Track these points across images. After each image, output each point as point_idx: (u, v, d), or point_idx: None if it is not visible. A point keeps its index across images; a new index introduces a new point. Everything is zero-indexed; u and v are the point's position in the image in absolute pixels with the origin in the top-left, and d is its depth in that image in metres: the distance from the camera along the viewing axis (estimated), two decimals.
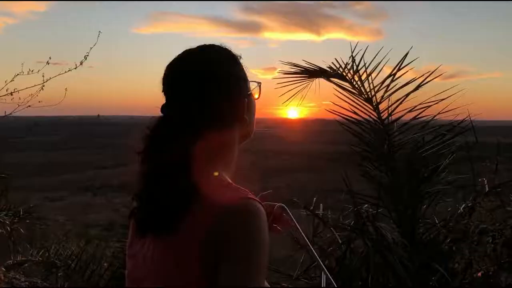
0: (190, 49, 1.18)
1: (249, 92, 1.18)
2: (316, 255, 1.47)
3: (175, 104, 1.12)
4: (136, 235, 1.15)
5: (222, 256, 0.95)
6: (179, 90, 1.13)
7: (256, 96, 1.25)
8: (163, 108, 1.14)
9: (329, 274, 1.46)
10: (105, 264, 4.44)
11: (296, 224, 1.41)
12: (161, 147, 1.08)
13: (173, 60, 1.17)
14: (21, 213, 5.42)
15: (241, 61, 1.21)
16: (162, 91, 1.16)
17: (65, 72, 6.05)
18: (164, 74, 1.16)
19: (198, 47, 1.18)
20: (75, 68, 6.04)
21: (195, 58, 1.16)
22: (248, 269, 0.95)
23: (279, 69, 3.24)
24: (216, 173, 1.08)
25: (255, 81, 1.24)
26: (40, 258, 4.42)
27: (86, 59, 6.04)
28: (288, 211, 1.42)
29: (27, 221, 5.40)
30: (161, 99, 1.17)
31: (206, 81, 1.11)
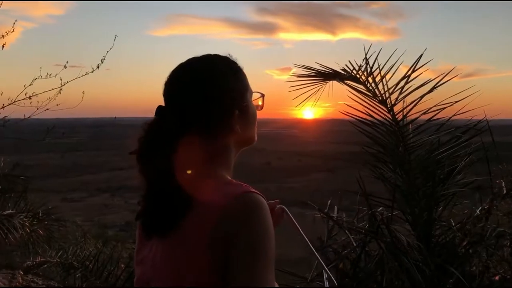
0: (193, 58, 1.23)
1: (244, 104, 1.20)
2: (316, 252, 1.47)
3: (168, 108, 1.17)
4: (143, 239, 1.19)
5: (230, 248, 0.98)
6: (173, 96, 1.18)
7: (259, 103, 1.28)
8: (158, 110, 1.18)
9: (330, 274, 1.48)
10: (122, 265, 4.50)
11: (296, 224, 1.42)
12: (152, 150, 1.12)
13: (175, 67, 1.22)
14: (40, 214, 5.51)
15: (245, 71, 1.25)
16: (162, 94, 1.21)
17: (82, 75, 6.14)
18: (167, 78, 1.21)
19: (201, 56, 1.23)
20: (92, 72, 6.11)
21: (192, 67, 1.20)
22: (255, 259, 0.98)
23: (294, 70, 3.24)
24: (189, 171, 1.10)
25: (258, 92, 1.28)
26: (59, 260, 4.49)
27: (102, 62, 6.11)
28: (288, 212, 1.43)
29: (46, 222, 5.49)
30: None
31: (197, 90, 1.15)
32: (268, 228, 1.01)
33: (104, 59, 6.10)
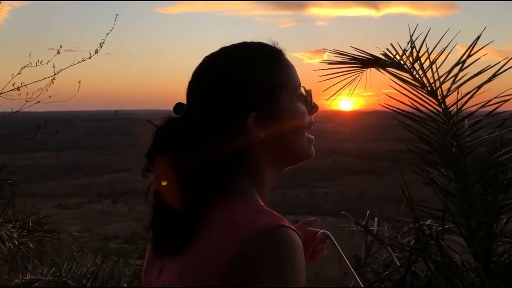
0: (222, 47, 1.23)
1: (271, 102, 1.16)
2: (360, 283, 1.50)
3: (187, 106, 1.20)
4: (152, 257, 1.21)
5: (250, 283, 0.98)
6: (190, 94, 1.21)
7: (308, 101, 1.24)
8: (176, 107, 1.21)
9: None
10: (125, 285, 4.57)
11: (341, 253, 1.44)
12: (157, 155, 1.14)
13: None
14: (31, 224, 5.62)
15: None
16: None
17: (78, 62, 6.24)
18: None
19: (229, 45, 1.22)
20: (89, 58, 6.22)
21: (209, 60, 1.22)
22: None
23: (327, 53, 3.24)
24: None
25: (304, 88, 1.25)
26: (51, 277, 4.59)
27: (101, 47, 6.22)
28: (333, 239, 1.46)
29: (37, 234, 5.60)
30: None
31: (204, 90, 1.17)
32: (298, 266, 1.00)
33: (104, 42, 6.21)
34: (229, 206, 1.08)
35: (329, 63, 3.13)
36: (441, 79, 3.05)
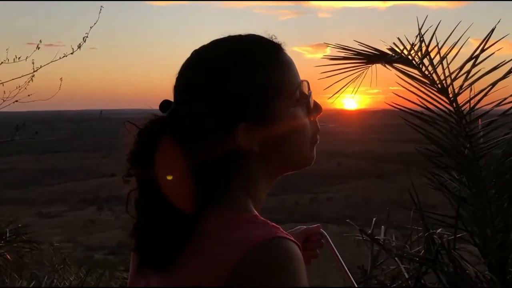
0: (213, 41, 1.21)
1: (267, 110, 1.12)
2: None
3: (173, 104, 1.18)
4: (137, 270, 1.19)
5: None
6: (176, 90, 1.19)
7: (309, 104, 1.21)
8: (162, 105, 1.20)
9: None
10: None
11: (338, 254, 1.45)
12: (142, 159, 1.13)
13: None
14: (8, 234, 5.61)
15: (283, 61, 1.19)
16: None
17: (60, 58, 6.23)
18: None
19: (220, 39, 1.20)
20: (72, 53, 6.21)
21: (202, 55, 1.19)
22: None
23: (330, 48, 3.25)
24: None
25: (305, 81, 1.21)
26: None
27: (85, 41, 6.20)
28: (328, 238, 1.46)
29: (15, 244, 5.59)
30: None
31: (198, 87, 1.14)
32: (301, 280, 0.99)
33: (87, 36, 6.20)
34: (222, 217, 1.08)
35: (332, 59, 3.14)
36: (453, 76, 3.06)
